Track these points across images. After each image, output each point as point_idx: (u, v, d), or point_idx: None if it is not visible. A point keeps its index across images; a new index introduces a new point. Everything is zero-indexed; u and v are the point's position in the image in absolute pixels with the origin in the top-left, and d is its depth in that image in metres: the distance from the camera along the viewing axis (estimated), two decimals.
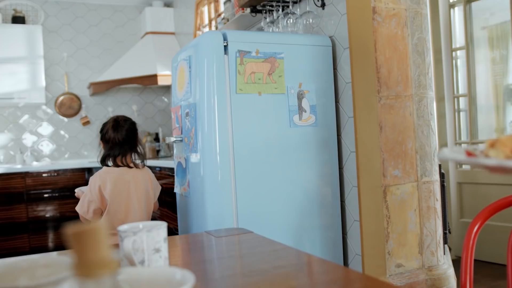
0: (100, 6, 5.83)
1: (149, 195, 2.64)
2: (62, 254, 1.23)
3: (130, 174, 2.56)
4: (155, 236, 0.92)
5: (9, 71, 5.05)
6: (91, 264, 0.38)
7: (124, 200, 2.52)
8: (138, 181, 2.57)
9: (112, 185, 2.50)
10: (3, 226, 4.69)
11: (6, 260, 1.00)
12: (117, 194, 2.50)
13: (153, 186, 2.70)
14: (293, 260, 1.07)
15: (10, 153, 5.40)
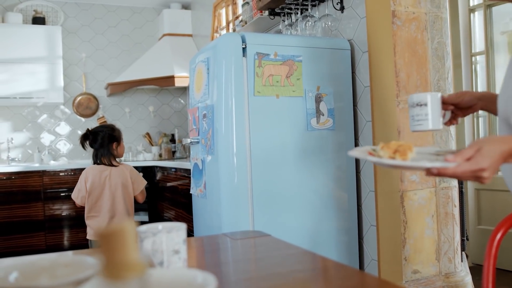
0: (118, 8, 5.88)
1: (127, 188, 3.29)
2: (79, 253, 1.23)
3: (108, 171, 3.25)
4: (175, 237, 0.91)
5: (28, 71, 5.11)
6: (119, 266, 0.37)
7: (100, 190, 3.22)
8: (113, 176, 3.24)
9: (91, 178, 3.22)
10: (20, 224, 4.74)
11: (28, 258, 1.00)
12: (95, 185, 3.22)
13: (133, 179, 3.33)
14: (311, 265, 1.06)
15: (28, 151, 5.46)
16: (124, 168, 3.33)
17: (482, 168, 0.94)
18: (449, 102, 1.36)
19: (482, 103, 1.40)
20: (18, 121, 5.44)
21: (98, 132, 3.29)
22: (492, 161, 0.95)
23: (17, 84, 5.07)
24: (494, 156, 0.95)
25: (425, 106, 1.29)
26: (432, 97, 1.30)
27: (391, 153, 1.03)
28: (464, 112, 1.41)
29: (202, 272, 0.68)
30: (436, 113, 1.29)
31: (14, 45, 5.06)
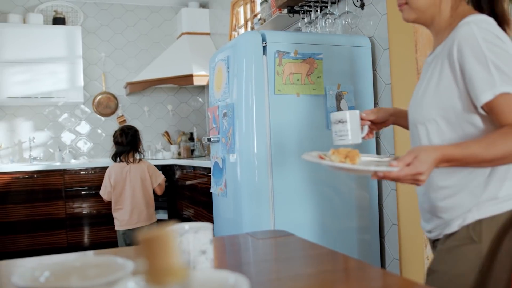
0: (137, 7, 5.92)
1: (145, 181, 3.70)
2: (105, 253, 1.24)
3: (127, 167, 3.65)
4: (202, 237, 0.91)
5: (49, 70, 5.17)
6: (161, 271, 0.37)
7: (122, 185, 3.64)
8: (133, 172, 3.65)
9: (114, 175, 3.64)
10: (42, 222, 4.80)
11: (58, 258, 1.01)
12: (118, 181, 3.64)
13: (151, 174, 3.74)
14: (337, 265, 1.05)
15: (50, 150, 5.53)
16: (142, 164, 3.73)
17: (420, 172, 1.10)
18: (366, 119, 1.51)
19: (394, 118, 1.56)
20: (39, 121, 5.51)
21: (130, 130, 3.69)
22: (428, 166, 1.11)
23: (38, 84, 5.13)
24: (429, 162, 1.11)
25: (346, 123, 1.44)
26: (351, 115, 1.45)
27: (342, 158, 1.20)
28: (378, 126, 1.57)
29: (233, 273, 0.68)
30: (356, 129, 1.45)
31: (35, 46, 5.12)
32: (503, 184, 1.23)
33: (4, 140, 5.35)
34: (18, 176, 4.75)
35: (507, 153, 1.11)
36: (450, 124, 1.25)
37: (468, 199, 1.25)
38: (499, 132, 1.13)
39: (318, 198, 2.53)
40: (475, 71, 1.15)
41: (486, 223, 1.23)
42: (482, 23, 1.18)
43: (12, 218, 4.72)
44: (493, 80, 1.12)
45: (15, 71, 5.04)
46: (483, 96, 1.14)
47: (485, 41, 1.15)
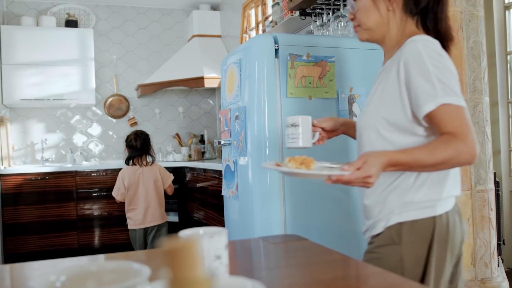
0: (148, 10, 5.95)
1: (157, 183, 3.91)
2: (112, 257, 1.24)
3: (140, 170, 3.86)
4: (217, 242, 0.91)
5: (61, 73, 5.21)
6: (185, 281, 0.37)
7: (135, 186, 3.83)
8: (146, 174, 3.86)
9: (128, 177, 3.83)
10: (54, 223, 4.83)
11: (75, 262, 1.02)
12: (131, 183, 3.83)
13: (162, 175, 3.95)
14: (354, 271, 1.04)
15: (61, 152, 5.56)
16: (154, 166, 3.94)
17: (369, 175, 1.20)
18: (317, 125, 1.61)
19: (344, 128, 1.68)
20: (51, 122, 5.55)
21: (142, 135, 3.91)
22: (376, 170, 1.21)
23: (51, 86, 5.17)
24: (377, 166, 1.21)
25: (298, 127, 1.52)
26: (303, 120, 1.53)
27: (298, 165, 1.29)
28: (330, 134, 1.68)
29: (250, 280, 0.68)
30: (307, 133, 1.53)
31: (47, 48, 5.16)
32: (421, 189, 1.32)
33: (17, 142, 5.39)
34: (30, 178, 4.78)
35: (447, 158, 1.21)
36: (391, 132, 1.33)
37: (393, 202, 1.34)
38: (440, 139, 1.23)
39: (329, 201, 2.52)
40: (419, 84, 1.24)
41: (406, 226, 1.32)
42: (426, 42, 1.28)
43: (24, 219, 4.75)
44: (436, 92, 1.22)
45: (28, 73, 5.09)
46: (426, 107, 1.23)
47: (429, 57, 1.24)
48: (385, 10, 1.40)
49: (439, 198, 1.32)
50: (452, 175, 1.35)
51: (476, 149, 1.22)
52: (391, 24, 1.40)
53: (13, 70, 5.03)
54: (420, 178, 1.32)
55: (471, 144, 1.21)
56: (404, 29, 1.40)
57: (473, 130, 1.23)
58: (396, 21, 1.40)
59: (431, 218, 1.31)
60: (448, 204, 1.34)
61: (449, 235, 1.31)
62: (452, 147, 1.20)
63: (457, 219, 1.36)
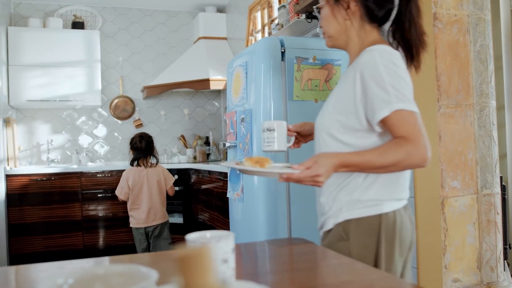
0: (155, 12, 5.96)
1: (161, 183, 4.05)
2: (117, 260, 1.25)
3: (145, 171, 3.99)
4: (224, 246, 0.91)
5: (68, 74, 5.23)
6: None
7: (139, 186, 3.96)
8: (150, 175, 3.99)
9: (132, 178, 3.95)
10: (59, 224, 4.85)
11: (82, 265, 1.02)
12: (135, 184, 3.95)
13: (165, 176, 4.08)
14: (361, 276, 1.04)
15: (67, 153, 5.58)
16: (158, 167, 4.07)
17: (318, 174, 1.26)
18: (292, 130, 1.67)
19: None
20: (57, 123, 5.57)
21: (146, 137, 4.03)
22: (325, 170, 1.27)
23: (57, 87, 5.19)
24: (327, 166, 1.28)
25: (273, 131, 1.60)
26: (278, 125, 1.61)
27: (253, 163, 1.38)
28: (306, 138, 1.72)
29: (257, 284, 0.68)
30: (282, 138, 1.60)
31: (54, 49, 5.18)
32: (370, 189, 1.37)
33: (23, 142, 5.42)
34: (36, 178, 4.80)
35: (397, 161, 1.26)
36: (344, 134, 1.39)
37: (342, 200, 1.40)
38: (392, 142, 1.28)
39: None
40: (375, 91, 1.29)
41: (353, 223, 1.38)
42: (383, 51, 1.33)
43: (29, 220, 4.77)
44: (390, 98, 1.27)
45: (35, 74, 5.11)
46: (381, 112, 1.28)
47: (384, 66, 1.29)
48: (343, 20, 1.45)
49: (386, 198, 1.37)
50: (402, 178, 1.40)
51: (427, 152, 1.27)
52: (350, 33, 1.45)
53: (20, 71, 5.05)
54: (369, 178, 1.37)
55: (421, 147, 1.26)
56: (365, 37, 1.44)
57: (425, 135, 1.28)
58: (355, 30, 1.45)
59: (377, 216, 1.36)
60: (396, 204, 1.38)
61: (396, 232, 1.36)
62: (403, 150, 1.25)
63: (407, 221, 1.41)
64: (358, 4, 1.42)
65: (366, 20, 1.43)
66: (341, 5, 1.44)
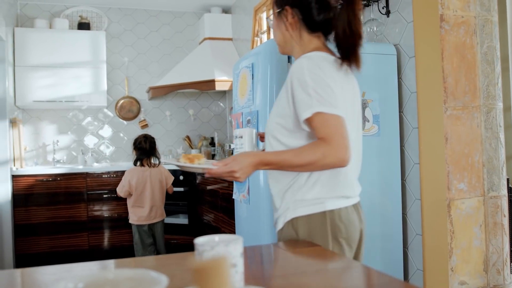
0: (160, 12, 5.97)
1: (162, 183, 4.21)
2: (122, 264, 1.25)
3: (148, 171, 4.14)
4: (233, 250, 0.91)
5: (73, 75, 5.24)
6: None
7: (143, 186, 4.10)
8: (153, 175, 4.13)
9: (136, 177, 4.09)
10: (64, 224, 4.86)
11: (90, 266, 1.02)
12: (139, 183, 4.09)
13: (166, 176, 4.25)
14: (368, 280, 1.04)
15: (73, 153, 5.60)
16: (160, 168, 4.23)
17: (234, 170, 1.38)
18: (263, 136, 1.77)
19: None
20: (63, 124, 5.58)
21: (149, 138, 4.20)
22: (241, 167, 1.38)
23: (63, 88, 5.20)
24: (243, 163, 1.38)
25: (242, 138, 1.72)
26: (247, 132, 1.74)
27: (185, 160, 1.57)
28: None
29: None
30: (250, 143, 1.73)
31: (60, 50, 5.19)
32: (312, 189, 1.46)
33: (29, 143, 5.44)
34: (41, 179, 4.82)
35: (313, 160, 1.34)
36: (286, 137, 1.48)
37: (288, 199, 1.49)
38: (310, 144, 1.38)
39: None
40: (300, 94, 1.39)
41: (300, 221, 1.46)
42: (313, 58, 1.43)
43: (35, 220, 4.78)
44: (311, 102, 1.36)
45: (41, 75, 5.13)
46: (304, 114, 1.37)
47: (309, 72, 1.38)
48: (285, 30, 1.56)
49: (329, 196, 1.46)
50: (342, 177, 1.47)
51: (344, 154, 1.34)
52: (292, 42, 1.56)
53: (26, 72, 5.07)
54: (311, 178, 1.46)
55: (338, 148, 1.33)
56: (306, 46, 1.54)
57: (345, 137, 1.35)
58: (296, 40, 1.55)
59: (321, 213, 1.44)
60: (341, 202, 1.47)
61: (341, 229, 1.45)
62: (319, 150, 1.34)
63: (355, 218, 1.50)
64: (295, 17, 1.53)
65: (306, 30, 1.53)
66: (282, 18, 1.56)
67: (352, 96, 1.53)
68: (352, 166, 1.47)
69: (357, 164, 1.57)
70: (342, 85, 1.44)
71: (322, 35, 1.54)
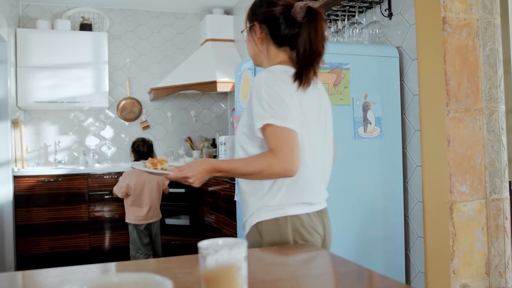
0: (162, 14, 5.97)
1: (159, 184, 4.31)
2: (124, 266, 1.25)
3: (146, 173, 3.94)
4: (236, 254, 0.91)
5: (75, 76, 5.24)
6: None
7: (141, 187, 4.20)
8: (150, 177, 4.18)
9: (134, 179, 4.18)
10: (65, 225, 4.86)
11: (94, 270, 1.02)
12: (137, 185, 4.19)
13: (163, 178, 4.16)
14: (371, 283, 1.04)
15: (74, 154, 5.60)
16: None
17: (187, 176, 1.49)
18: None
19: None
20: (65, 125, 5.59)
21: (148, 141, 4.39)
22: (194, 173, 1.49)
23: (65, 88, 5.21)
24: (197, 170, 1.49)
25: (225, 145, 1.78)
26: (230, 140, 1.81)
27: (149, 164, 1.67)
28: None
29: None
30: (232, 151, 1.77)
31: (62, 51, 5.20)
32: (275, 195, 1.53)
33: (31, 144, 5.44)
34: (43, 179, 4.82)
35: (260, 170, 1.43)
36: (250, 146, 1.55)
37: (253, 205, 1.57)
38: (259, 154, 1.48)
39: (343, 208, 2.51)
40: (255, 106, 1.47)
41: (264, 225, 1.53)
42: (274, 71, 1.51)
43: (36, 221, 4.79)
44: (264, 114, 1.44)
45: (43, 76, 5.13)
46: (256, 125, 1.46)
47: (266, 85, 1.46)
48: (254, 44, 1.66)
49: (291, 203, 1.52)
50: (303, 184, 1.53)
51: (291, 164, 1.42)
52: (262, 55, 1.66)
53: (28, 72, 5.08)
54: (275, 185, 1.53)
55: (284, 159, 1.41)
56: (273, 59, 1.63)
57: (293, 149, 1.43)
58: (264, 53, 1.65)
59: (284, 218, 1.51)
60: (303, 209, 1.54)
61: (302, 234, 1.51)
62: (266, 160, 1.43)
63: (317, 224, 1.56)
64: (263, 32, 1.62)
65: (273, 45, 1.62)
66: (252, 32, 1.66)
67: (318, 105, 1.59)
68: (315, 173, 1.56)
69: (322, 172, 1.62)
70: (302, 97, 1.51)
71: (289, 49, 1.62)
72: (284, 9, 1.58)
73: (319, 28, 1.53)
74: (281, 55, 1.62)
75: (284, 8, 1.58)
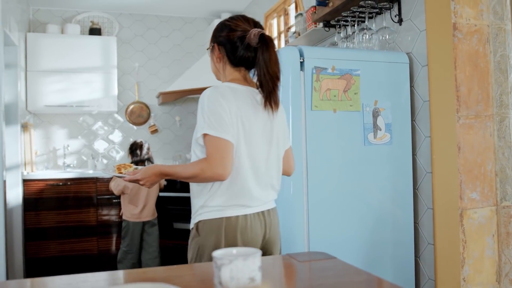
0: (171, 18, 6.00)
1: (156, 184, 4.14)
2: (132, 274, 1.25)
3: None
4: (251, 264, 0.91)
5: (85, 80, 5.27)
6: None
7: (138, 187, 4.32)
8: None
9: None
10: (74, 229, 4.88)
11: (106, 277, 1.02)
12: (135, 185, 4.20)
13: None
14: None
15: (83, 158, 5.62)
16: None
17: (138, 179, 1.75)
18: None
19: None
20: (74, 129, 5.61)
21: (146, 144, 4.67)
22: (144, 176, 1.74)
23: (74, 93, 5.23)
24: (147, 174, 1.74)
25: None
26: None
27: (116, 168, 1.89)
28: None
29: None
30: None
31: (72, 55, 5.23)
32: (214, 197, 1.71)
33: (40, 147, 5.47)
34: (52, 183, 4.84)
35: (194, 174, 1.63)
36: (199, 151, 1.72)
37: (196, 205, 1.76)
38: (196, 160, 1.69)
39: (353, 214, 2.50)
40: (198, 116, 1.68)
41: (203, 223, 1.72)
42: (219, 87, 1.71)
43: (45, 224, 4.80)
44: (204, 124, 1.64)
45: (52, 80, 5.16)
46: (197, 134, 1.67)
47: (208, 100, 1.66)
48: (214, 62, 1.86)
49: (228, 204, 1.69)
50: (239, 188, 1.70)
51: (221, 170, 1.60)
52: (220, 72, 1.85)
53: (38, 77, 5.11)
54: (213, 188, 1.70)
55: (215, 165, 1.60)
56: (227, 76, 1.81)
57: (223, 156, 1.61)
58: (222, 71, 1.84)
59: (220, 219, 1.69)
60: (241, 211, 1.70)
61: (237, 233, 1.68)
62: (199, 166, 1.62)
63: (256, 225, 1.73)
64: (221, 53, 1.81)
65: (229, 64, 1.81)
66: (213, 52, 1.85)
67: (265, 121, 1.76)
68: (255, 179, 1.72)
69: (268, 178, 1.77)
70: (248, 113, 1.70)
71: (244, 69, 1.80)
72: (241, 35, 1.75)
73: (272, 53, 1.71)
74: (234, 74, 1.80)
75: (241, 34, 1.75)
